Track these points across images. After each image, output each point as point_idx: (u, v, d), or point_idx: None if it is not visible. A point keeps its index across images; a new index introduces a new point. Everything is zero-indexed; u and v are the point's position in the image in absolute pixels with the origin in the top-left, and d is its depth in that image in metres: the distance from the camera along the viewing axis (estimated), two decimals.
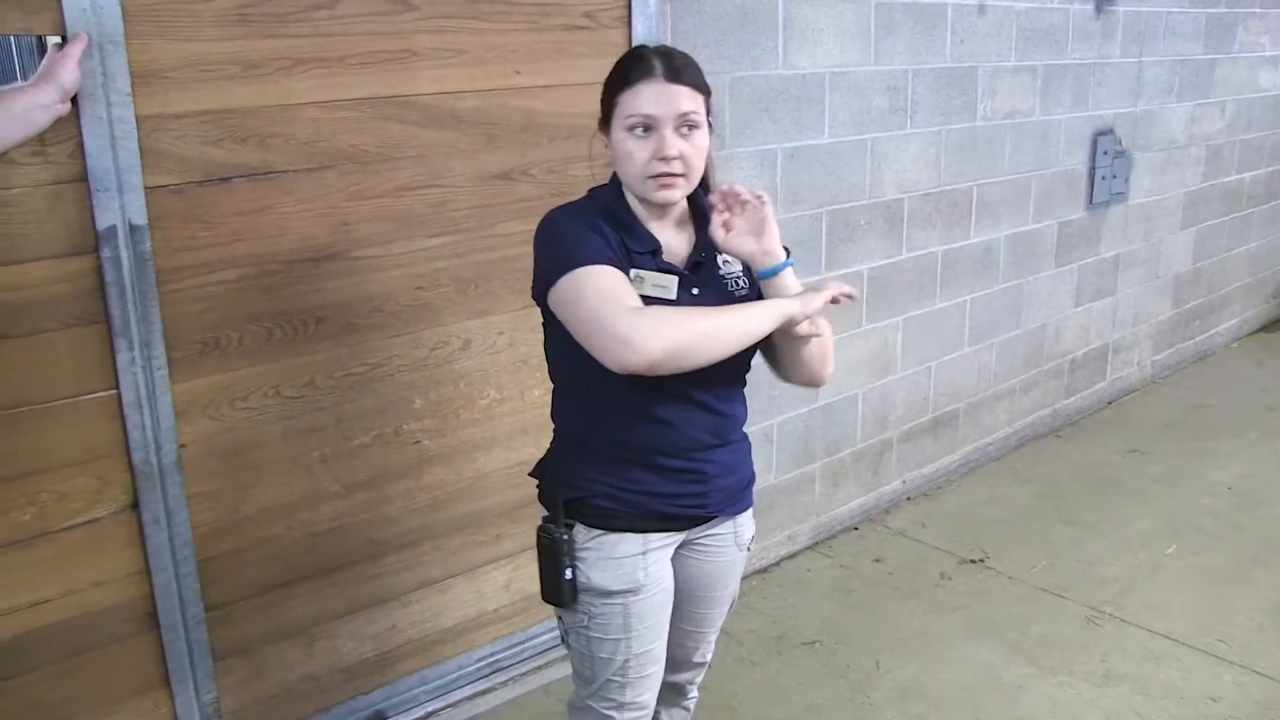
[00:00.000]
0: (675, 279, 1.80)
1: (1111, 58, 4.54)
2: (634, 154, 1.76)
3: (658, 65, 1.75)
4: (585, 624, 1.90)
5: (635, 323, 1.63)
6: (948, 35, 3.75)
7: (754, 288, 1.89)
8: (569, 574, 1.86)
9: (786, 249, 1.83)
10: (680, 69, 1.76)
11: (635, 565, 1.88)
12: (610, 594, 1.87)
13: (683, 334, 1.65)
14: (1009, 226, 4.27)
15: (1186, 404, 5.21)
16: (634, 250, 1.79)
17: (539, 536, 1.88)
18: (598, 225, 1.77)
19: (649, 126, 1.74)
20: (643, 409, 1.80)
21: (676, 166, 1.76)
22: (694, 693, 2.23)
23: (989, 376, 4.41)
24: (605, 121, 1.81)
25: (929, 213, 3.88)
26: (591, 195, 1.88)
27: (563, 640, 1.99)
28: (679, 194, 1.80)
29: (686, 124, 1.76)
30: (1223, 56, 5.24)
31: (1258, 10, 5.36)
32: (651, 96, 1.73)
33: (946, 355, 4.16)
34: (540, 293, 1.79)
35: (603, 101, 1.81)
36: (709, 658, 2.19)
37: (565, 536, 1.86)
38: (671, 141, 1.74)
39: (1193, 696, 2.92)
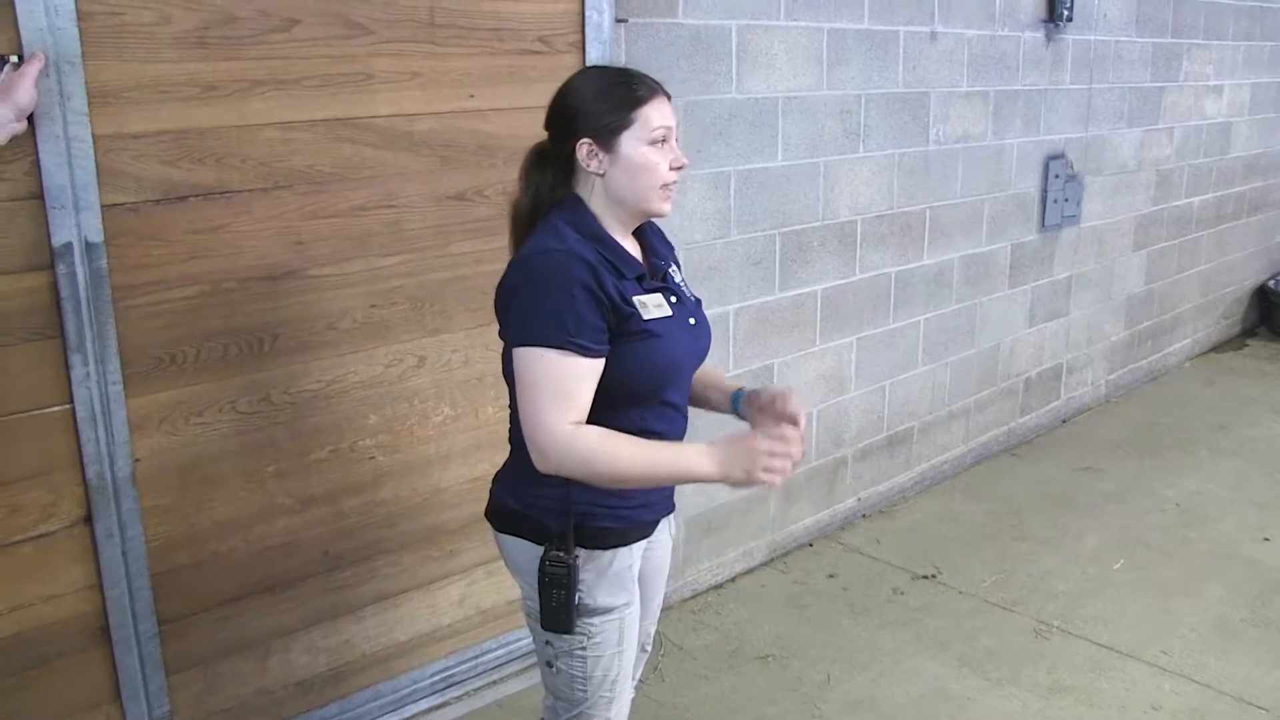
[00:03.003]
0: (661, 295, 1.86)
1: (1062, 84, 4.66)
2: (659, 164, 1.81)
3: (652, 81, 1.84)
4: (583, 645, 1.91)
5: (573, 441, 1.71)
6: (900, 61, 3.84)
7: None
8: (576, 598, 1.87)
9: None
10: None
11: (628, 577, 1.94)
12: (611, 610, 1.91)
13: (606, 471, 1.74)
14: (962, 248, 4.35)
15: (1138, 423, 5.31)
16: (626, 276, 1.81)
17: (548, 568, 1.85)
18: (592, 281, 1.73)
19: (668, 139, 1.82)
20: (641, 425, 1.83)
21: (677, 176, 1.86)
22: (632, 690, 2.28)
23: (943, 395, 4.49)
24: (604, 138, 1.80)
25: (882, 234, 3.95)
26: (568, 223, 1.82)
27: (549, 665, 1.96)
28: (671, 205, 1.89)
29: (676, 136, 1.86)
30: (1170, 84, 5.37)
31: (1200, 41, 5.51)
32: (667, 110, 1.82)
33: (901, 374, 4.23)
34: (508, 341, 1.80)
35: (604, 118, 1.80)
36: (650, 647, 2.28)
37: (578, 563, 1.86)
38: (680, 151, 1.85)
39: (1134, 706, 2.99)
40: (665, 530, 2.12)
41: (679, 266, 2.06)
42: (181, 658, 2.47)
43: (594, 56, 2.86)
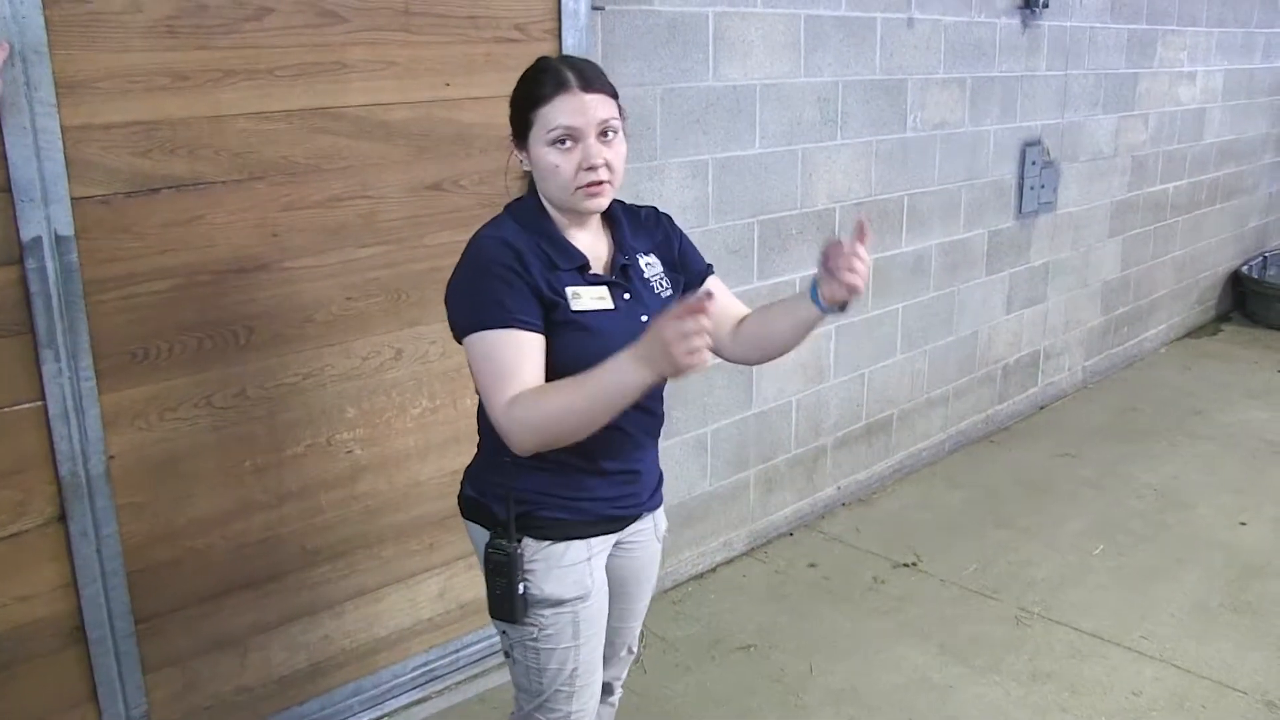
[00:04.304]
0: (607, 289, 1.84)
1: (1038, 71, 4.66)
2: (560, 166, 1.77)
3: (570, 76, 1.77)
4: (535, 636, 1.90)
5: (511, 414, 1.69)
6: (877, 48, 3.83)
7: (676, 288, 1.97)
8: (521, 588, 1.87)
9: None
10: (592, 78, 1.79)
11: (583, 571, 1.91)
12: (562, 603, 1.89)
13: (553, 426, 1.69)
14: (940, 235, 4.35)
15: (1116, 409, 5.33)
16: (562, 268, 1.80)
17: (489, 554, 1.87)
18: (517, 265, 1.75)
19: (573, 138, 1.77)
20: None
21: (603, 174, 1.79)
22: (619, 690, 2.28)
23: (922, 383, 4.49)
24: (521, 137, 1.83)
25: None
26: (512, 213, 1.86)
27: (506, 655, 1.98)
28: (606, 201, 1.83)
29: (607, 130, 1.79)
30: (1144, 71, 5.39)
31: (1175, 27, 5.52)
32: (571, 108, 1.76)
33: (880, 362, 4.23)
34: (454, 335, 1.81)
35: (515, 118, 1.82)
36: (636, 649, 2.25)
37: (519, 551, 1.86)
38: (596, 150, 1.77)
39: (1116, 691, 3.00)
40: (650, 531, 2.08)
41: (671, 255, 2.00)
42: (159, 656, 2.44)
43: (570, 44, 2.83)
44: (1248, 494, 4.29)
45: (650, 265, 1.95)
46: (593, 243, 1.89)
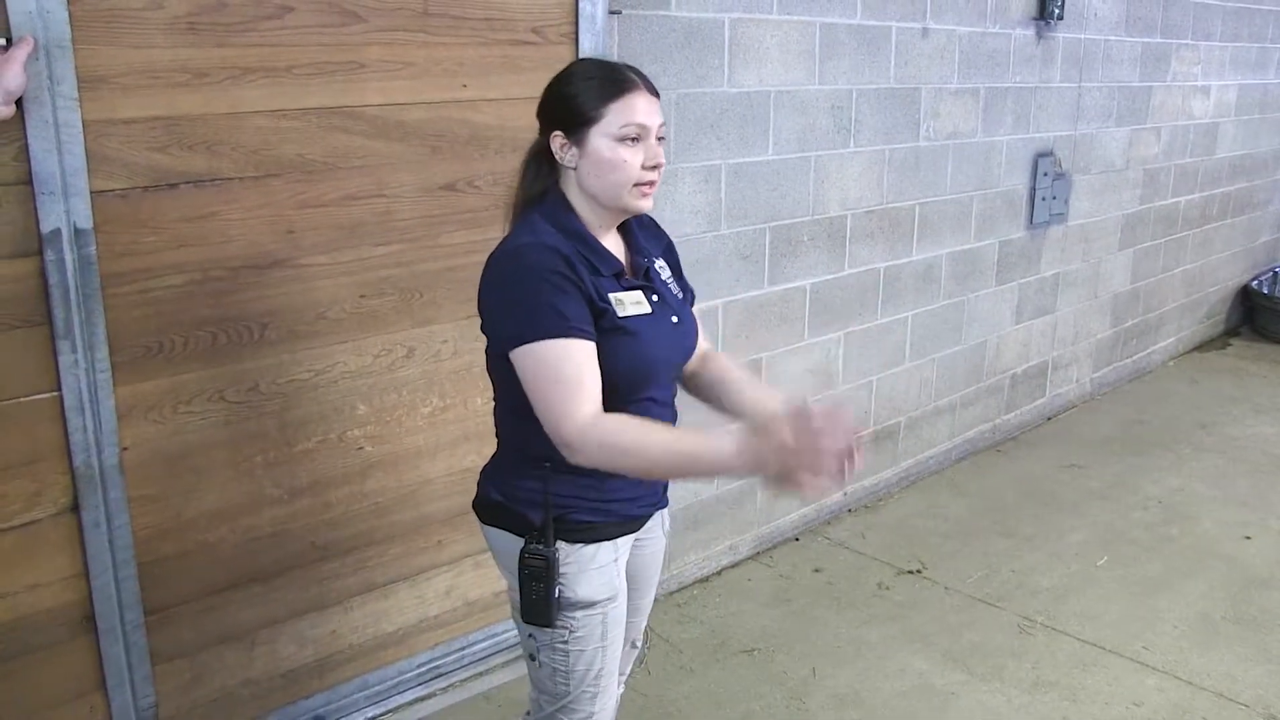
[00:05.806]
0: (641, 293, 1.86)
1: (1052, 82, 4.67)
2: (628, 162, 1.77)
3: (637, 78, 1.80)
4: (565, 639, 1.91)
5: (589, 434, 1.68)
6: (891, 57, 3.84)
7: (688, 292, 2.02)
8: (556, 592, 1.87)
9: None
10: (650, 83, 1.83)
11: (612, 573, 1.93)
12: (594, 604, 1.90)
13: (626, 461, 1.71)
14: (951, 245, 4.36)
15: (1123, 420, 5.33)
16: (603, 274, 1.80)
17: (526, 560, 1.86)
18: (570, 271, 1.73)
19: (641, 136, 1.78)
20: None
21: (658, 175, 1.82)
22: (622, 686, 2.29)
23: (930, 391, 4.50)
24: (574, 131, 1.79)
25: (872, 230, 3.96)
26: (546, 217, 1.82)
27: (531, 658, 1.97)
28: (652, 203, 1.85)
29: (660, 135, 1.83)
30: (1158, 84, 5.39)
31: (1189, 41, 5.53)
32: (643, 107, 1.78)
33: (888, 370, 4.24)
34: (498, 343, 1.79)
35: (578, 110, 1.79)
36: (640, 643, 2.27)
37: (557, 556, 1.86)
38: (657, 150, 1.81)
39: (1117, 702, 3.01)
40: (658, 527, 2.11)
41: (675, 261, 2.04)
42: (167, 648, 2.46)
43: (587, 48, 2.85)
44: (1253, 507, 4.30)
45: (663, 269, 1.98)
46: (615, 246, 1.91)
